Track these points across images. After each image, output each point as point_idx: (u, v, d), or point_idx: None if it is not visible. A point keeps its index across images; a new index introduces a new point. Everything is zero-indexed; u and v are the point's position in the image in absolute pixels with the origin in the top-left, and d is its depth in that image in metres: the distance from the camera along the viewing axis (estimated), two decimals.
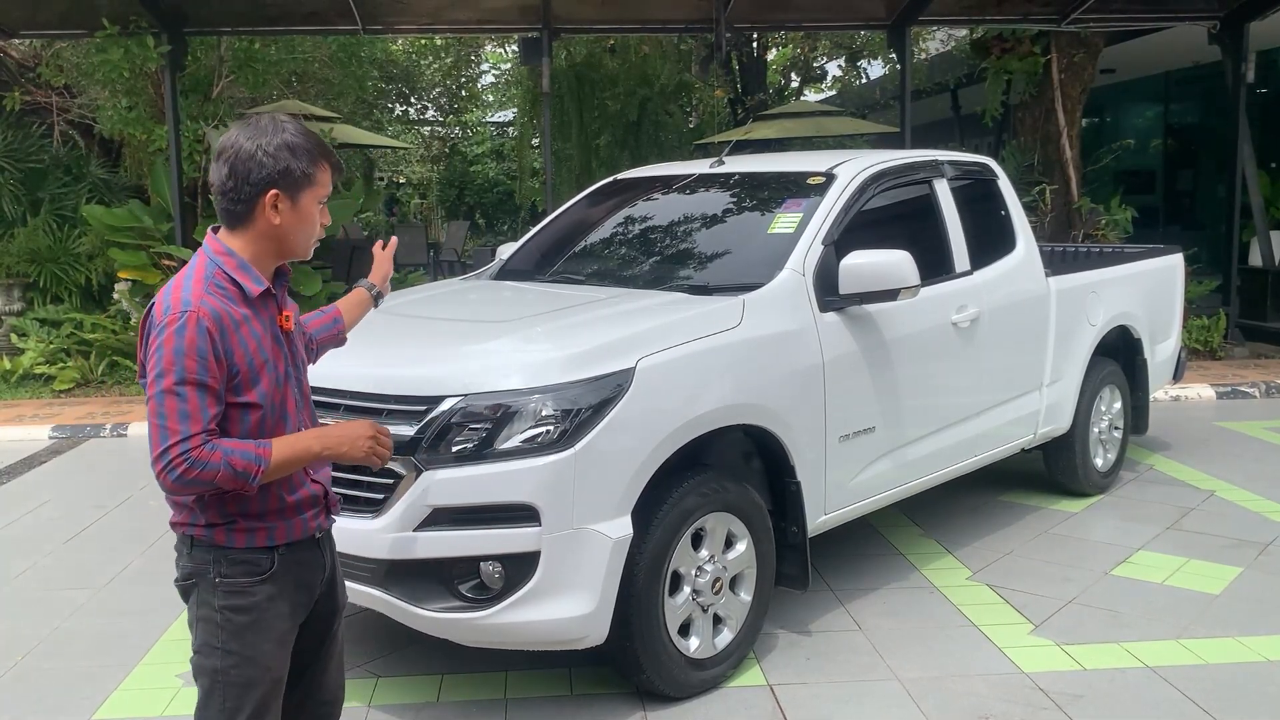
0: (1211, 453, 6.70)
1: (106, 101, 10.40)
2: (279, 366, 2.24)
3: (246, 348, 2.14)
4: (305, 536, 2.29)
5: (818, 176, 4.52)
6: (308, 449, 2.19)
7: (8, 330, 9.98)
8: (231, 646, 2.19)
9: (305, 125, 2.27)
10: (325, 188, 2.25)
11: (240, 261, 2.19)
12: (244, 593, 2.19)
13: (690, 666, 3.56)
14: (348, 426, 2.27)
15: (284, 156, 2.17)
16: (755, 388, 3.73)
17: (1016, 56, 10.84)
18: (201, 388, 2.06)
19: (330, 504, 2.38)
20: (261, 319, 2.21)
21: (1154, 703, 3.52)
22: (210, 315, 2.09)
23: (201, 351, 2.06)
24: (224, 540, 2.19)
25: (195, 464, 2.04)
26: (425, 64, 20.01)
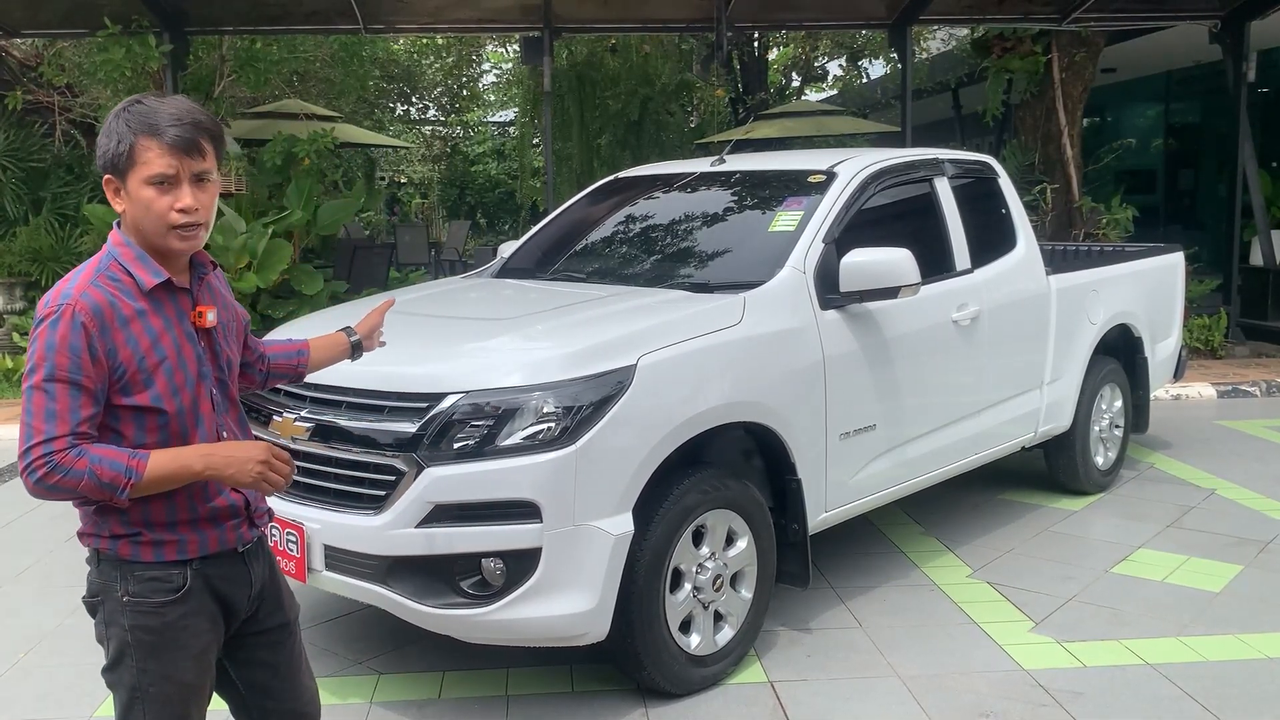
0: (1212, 451, 6.70)
1: (108, 101, 10.40)
2: (189, 367, 2.05)
3: (136, 345, 1.97)
4: (223, 550, 2.12)
5: (818, 175, 4.53)
6: (187, 466, 1.98)
7: (9, 329, 10.00)
8: (147, 665, 2.06)
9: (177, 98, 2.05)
10: (152, 167, 1.96)
11: (138, 253, 2.02)
12: (154, 613, 2.04)
13: (691, 663, 3.57)
14: (238, 447, 2.03)
15: (105, 138, 1.99)
16: (756, 385, 3.74)
17: (1017, 56, 10.85)
18: (73, 386, 1.91)
19: (255, 515, 2.19)
20: (164, 314, 2.03)
21: (1154, 700, 3.53)
22: (89, 309, 1.93)
23: (74, 348, 1.91)
24: (129, 554, 2.03)
25: (57, 468, 1.88)
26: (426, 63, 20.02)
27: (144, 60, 9.44)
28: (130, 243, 2.04)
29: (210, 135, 2.03)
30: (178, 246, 2.03)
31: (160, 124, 1.97)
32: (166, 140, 1.96)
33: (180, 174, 1.98)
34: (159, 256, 2.04)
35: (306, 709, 2.37)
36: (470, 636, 3.39)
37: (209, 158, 2.03)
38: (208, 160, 2.02)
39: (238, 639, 2.23)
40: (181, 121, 1.98)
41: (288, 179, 10.63)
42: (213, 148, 2.04)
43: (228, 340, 2.20)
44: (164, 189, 1.98)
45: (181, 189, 1.99)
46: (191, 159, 1.99)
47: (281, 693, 2.31)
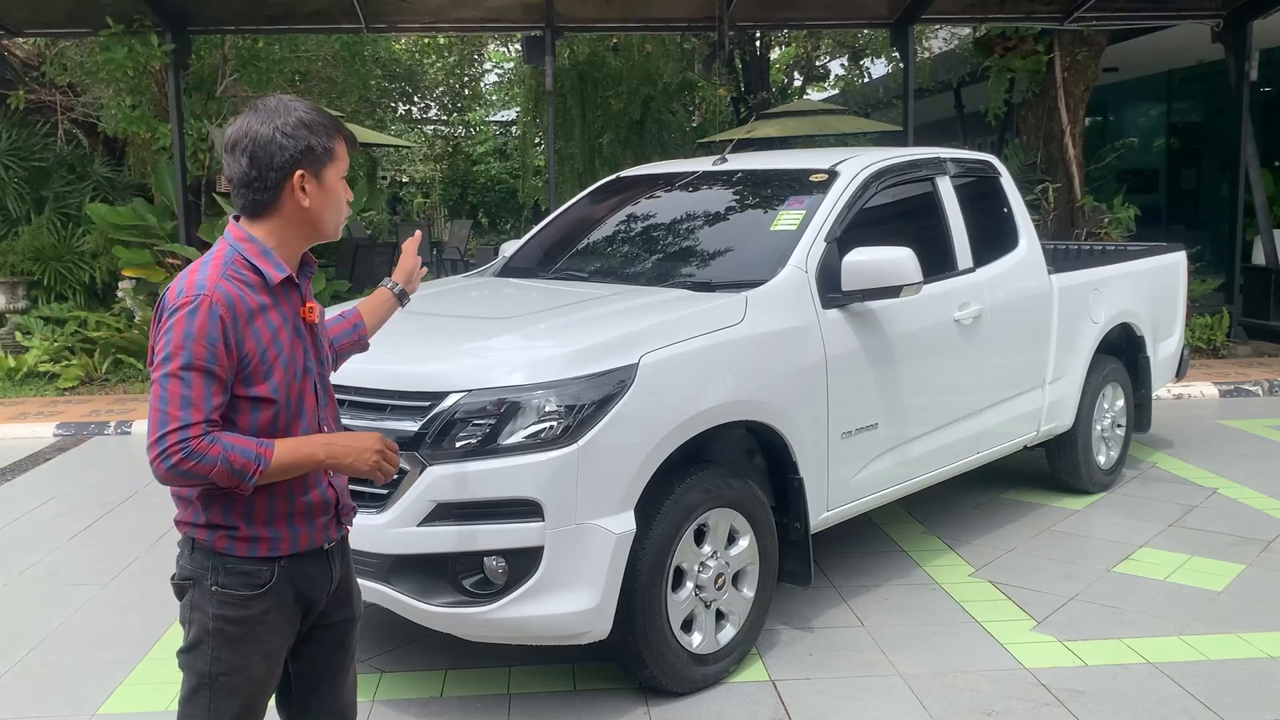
0: (1214, 450, 6.70)
1: (111, 100, 10.42)
2: (298, 360, 2.14)
3: (260, 338, 2.05)
4: (311, 548, 2.19)
5: (820, 174, 4.53)
6: (311, 455, 2.08)
7: (12, 328, 10.01)
8: (222, 655, 2.11)
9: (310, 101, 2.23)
10: (344, 161, 2.19)
11: (262, 248, 2.11)
12: (240, 604, 2.11)
13: (693, 662, 3.57)
14: (356, 437, 2.15)
15: (303, 135, 2.10)
16: (758, 384, 3.74)
17: (1019, 55, 10.84)
18: (208, 375, 1.97)
19: (343, 512, 2.27)
20: (281, 309, 2.12)
21: (1156, 699, 3.53)
22: (224, 300, 2.00)
23: (211, 337, 1.97)
24: (224, 547, 2.10)
25: (192, 455, 1.94)
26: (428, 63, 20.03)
27: (146, 59, 9.45)
28: (254, 238, 2.12)
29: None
30: (336, 234, 2.23)
31: (341, 124, 2.20)
32: (351, 143, 2.23)
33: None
34: (287, 253, 2.16)
35: (347, 706, 2.42)
36: (472, 635, 3.39)
37: None
38: None
39: (304, 632, 2.28)
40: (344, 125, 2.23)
41: None
42: None
43: (325, 337, 2.33)
44: (344, 184, 2.21)
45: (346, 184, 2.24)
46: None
47: (329, 687, 2.36)
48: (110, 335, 9.67)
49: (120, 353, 9.68)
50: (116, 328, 9.79)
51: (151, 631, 4.20)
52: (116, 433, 7.84)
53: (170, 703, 3.63)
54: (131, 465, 6.95)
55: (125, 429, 7.87)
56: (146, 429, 2.00)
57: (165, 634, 4.18)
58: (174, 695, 3.63)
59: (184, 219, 9.64)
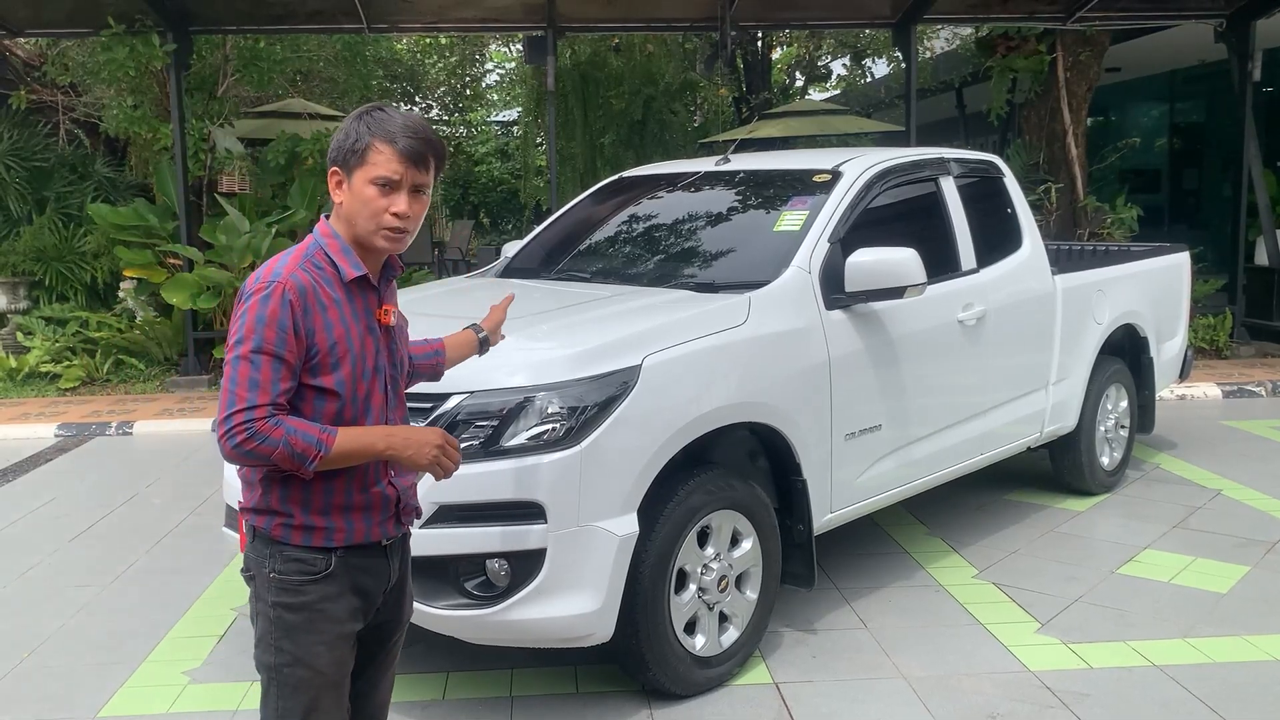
0: (1218, 451, 6.68)
1: (112, 100, 10.41)
2: (368, 359, 2.16)
3: (331, 331, 2.09)
4: (368, 542, 2.20)
5: (823, 174, 4.52)
6: (371, 445, 2.11)
7: (13, 329, 10.00)
8: (284, 645, 2.14)
9: (412, 113, 2.21)
10: (379, 169, 2.10)
11: (343, 245, 2.16)
12: (297, 590, 2.13)
13: (696, 664, 3.56)
14: (418, 432, 2.17)
15: (343, 134, 2.14)
16: (761, 386, 3.72)
17: (1022, 55, 10.83)
18: (277, 359, 2.02)
19: (403, 511, 2.27)
20: (355, 306, 2.15)
21: (1161, 701, 3.51)
22: (296, 289, 2.06)
23: (282, 323, 2.03)
24: (280, 535, 2.14)
25: (255, 435, 1.99)
26: (430, 63, 20.01)
27: (147, 60, 9.44)
28: (338, 235, 2.17)
29: (436, 154, 2.17)
30: (381, 245, 2.16)
31: (395, 132, 2.11)
32: (399, 147, 2.11)
33: (404, 181, 2.13)
34: (360, 252, 2.17)
35: (380, 706, 2.44)
36: (475, 637, 3.38)
37: (430, 172, 2.16)
38: (428, 175, 2.16)
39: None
40: (416, 135, 2.12)
41: (291, 178, 10.64)
42: (435, 165, 2.17)
43: (402, 341, 2.34)
44: (385, 191, 2.11)
45: (401, 195, 2.13)
46: (416, 170, 2.13)
47: (370, 684, 2.37)
48: (111, 336, 9.67)
49: (121, 353, 9.68)
50: (118, 328, 9.78)
51: (152, 634, 4.19)
52: (118, 433, 7.83)
53: (171, 705, 3.62)
54: (133, 466, 6.94)
55: (126, 429, 7.86)
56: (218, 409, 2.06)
57: (166, 636, 4.17)
58: (174, 698, 3.66)
59: (185, 219, 9.63)
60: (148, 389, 9.25)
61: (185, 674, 3.83)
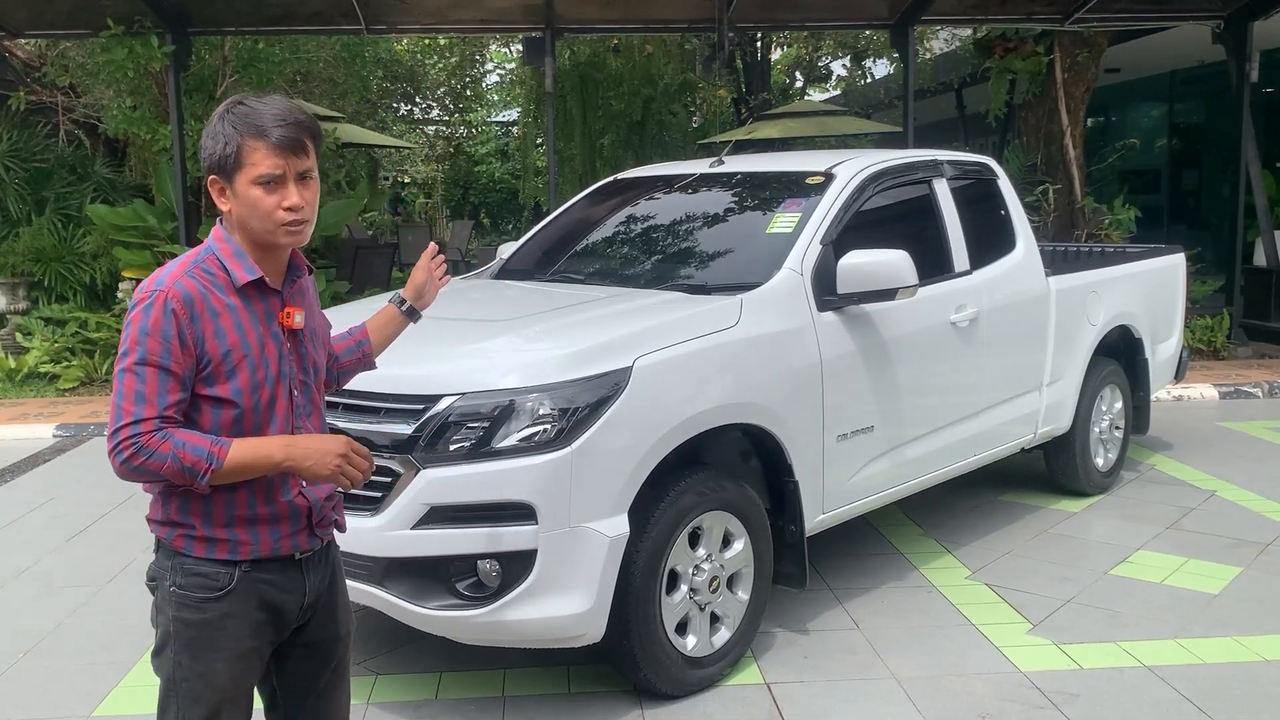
0: (1213, 453, 6.69)
1: (111, 101, 10.43)
2: (270, 366, 2.08)
3: (223, 338, 2.01)
4: (276, 555, 2.10)
5: (817, 176, 4.53)
6: (268, 456, 2.00)
7: (12, 329, 10.02)
8: (183, 659, 2.08)
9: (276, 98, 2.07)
10: (259, 168, 2.00)
11: (235, 249, 2.07)
12: (195, 607, 2.06)
13: (687, 665, 3.57)
14: (319, 440, 2.06)
15: (211, 138, 2.03)
16: (753, 387, 3.74)
17: (1020, 56, 10.83)
18: (162, 371, 1.95)
19: (318, 523, 2.17)
20: (254, 311, 2.07)
21: (1152, 702, 3.52)
22: (180, 297, 1.98)
23: (165, 334, 1.96)
24: (182, 547, 2.06)
25: (142, 450, 1.93)
26: (429, 64, 20.03)
27: (147, 61, 9.46)
28: (230, 239, 2.08)
29: (311, 134, 2.06)
30: (285, 241, 2.06)
31: (265, 125, 2.00)
32: (273, 140, 2.00)
33: (286, 173, 2.02)
34: (258, 255, 2.08)
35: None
36: (466, 638, 3.40)
37: (311, 155, 2.07)
38: (310, 158, 2.06)
39: (289, 645, 2.22)
40: (286, 121, 2.02)
41: None
42: (314, 146, 2.07)
43: (314, 344, 2.23)
44: (271, 188, 2.02)
45: (288, 188, 2.03)
46: (296, 158, 2.03)
47: (319, 703, 2.30)
48: (111, 336, 9.68)
49: None
50: (117, 329, 9.79)
51: (148, 634, 4.15)
52: None
53: None
54: None
55: None
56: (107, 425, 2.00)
57: None
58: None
59: (184, 220, 9.65)
60: None
61: None
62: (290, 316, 2.13)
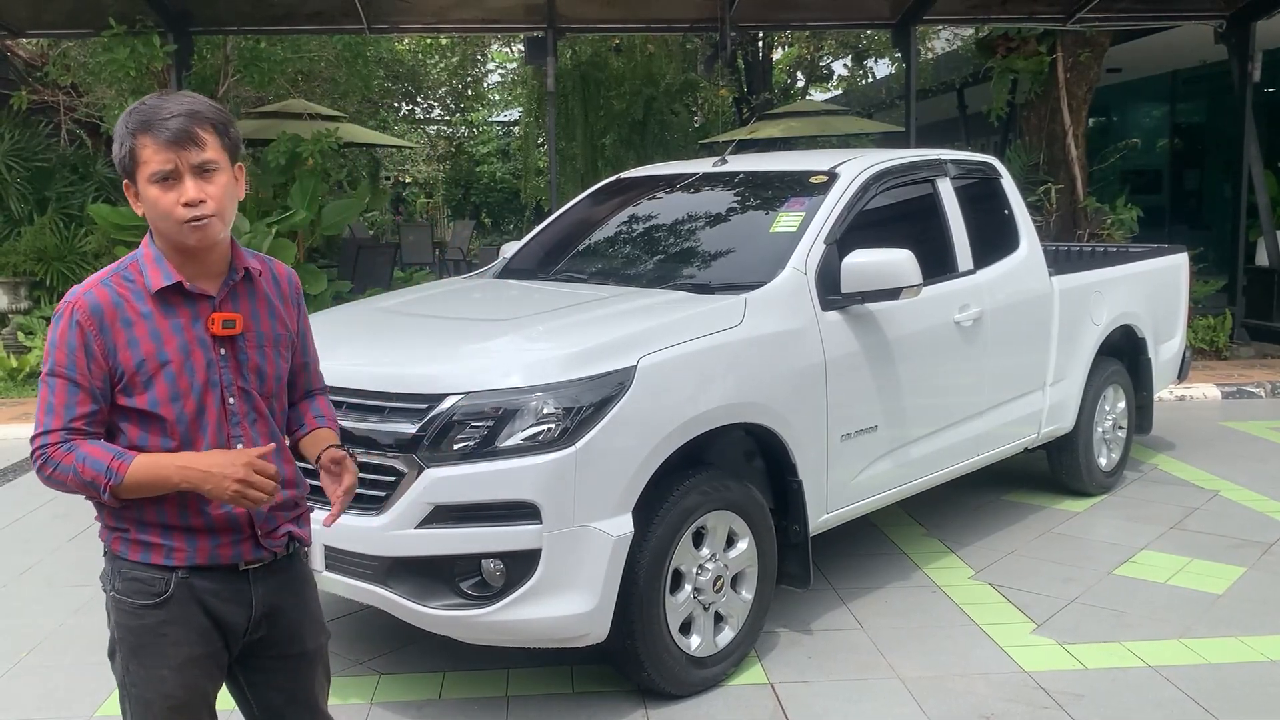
0: (1216, 453, 6.68)
1: (113, 100, 10.43)
2: (196, 374, 1.99)
3: (137, 347, 1.95)
4: (215, 564, 2.03)
5: (820, 175, 4.52)
6: (166, 478, 1.93)
7: (14, 329, 10.02)
8: (130, 665, 2.04)
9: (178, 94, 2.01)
10: (151, 165, 1.93)
11: (155, 255, 2.01)
12: (134, 614, 2.01)
13: (691, 664, 3.56)
14: (217, 462, 1.94)
15: (115, 142, 1.98)
16: (757, 386, 3.73)
17: (1022, 56, 10.82)
18: (70, 382, 1.93)
19: (262, 535, 2.07)
20: (174, 317, 1.99)
21: (1156, 702, 3.51)
22: (87, 308, 1.94)
23: (71, 345, 1.93)
24: (120, 550, 2.03)
25: (49, 461, 1.92)
26: (431, 63, 20.04)
27: (148, 60, 9.46)
28: (153, 245, 2.03)
29: (210, 124, 1.97)
30: (192, 240, 1.97)
31: (153, 120, 1.93)
32: (161, 137, 1.93)
33: (179, 168, 1.94)
34: (181, 259, 2.00)
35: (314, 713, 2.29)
36: (470, 637, 3.39)
37: (209, 147, 1.96)
38: (207, 150, 1.96)
39: (254, 659, 2.16)
40: (175, 114, 1.94)
41: (292, 179, 10.64)
42: (214, 137, 1.97)
43: (262, 349, 2.09)
44: (167, 185, 1.94)
45: (183, 183, 1.94)
46: (187, 151, 1.94)
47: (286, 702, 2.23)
48: None
49: None
50: None
51: None
52: None
53: None
54: None
55: None
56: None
57: None
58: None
59: None
60: None
61: None
62: (215, 323, 2.02)
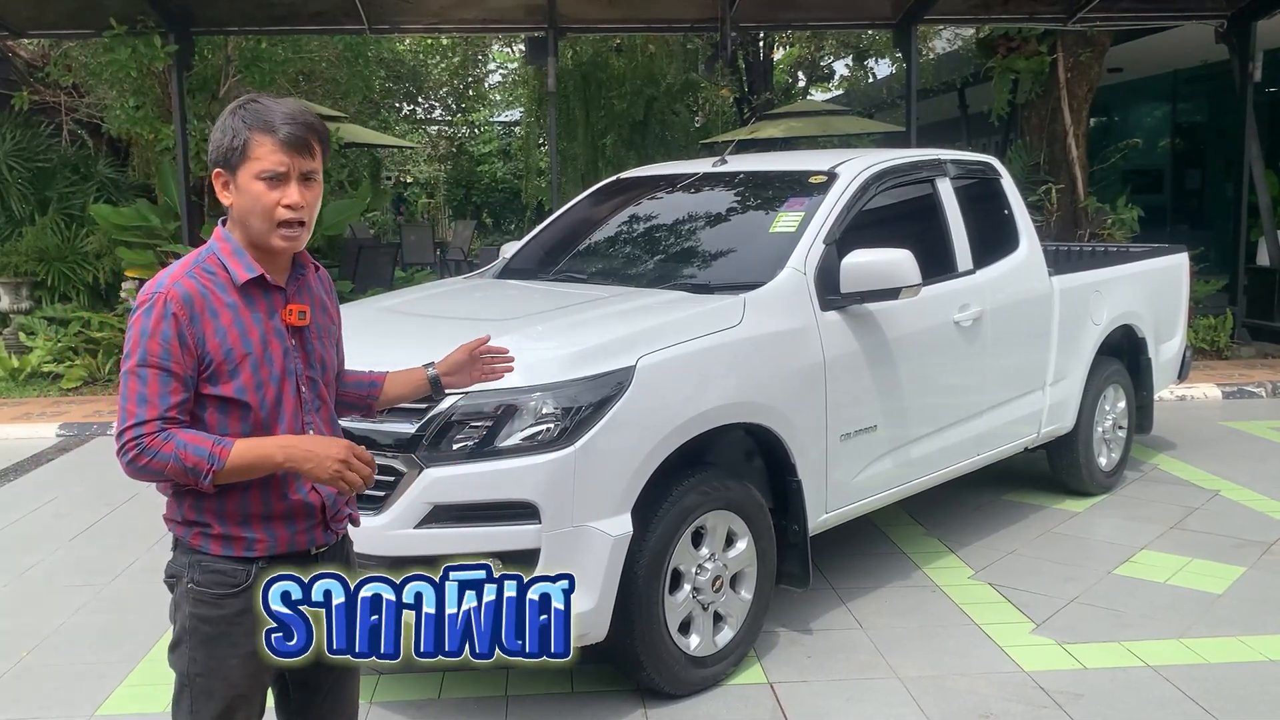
0: (1217, 452, 6.68)
1: (114, 101, 10.43)
2: (275, 362, 2.09)
3: (224, 337, 2.02)
4: (293, 551, 2.12)
5: (820, 175, 4.53)
6: (269, 457, 2.00)
7: (16, 329, 10.03)
8: (198, 655, 2.10)
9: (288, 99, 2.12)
10: (263, 162, 2.02)
11: (235, 248, 2.09)
12: (213, 604, 2.08)
13: (691, 664, 3.57)
14: (319, 443, 2.04)
15: (220, 132, 2.06)
16: (756, 386, 3.73)
17: (1023, 55, 10.82)
18: (164, 372, 1.98)
19: (333, 517, 2.19)
20: (255, 309, 2.08)
21: (1155, 702, 3.52)
22: (179, 298, 2.00)
23: (165, 335, 1.98)
24: (199, 545, 2.09)
25: (145, 451, 1.95)
26: (432, 63, 20.04)
27: (149, 60, 9.46)
28: (230, 238, 2.11)
29: (319, 137, 2.09)
30: (279, 244, 2.07)
31: (274, 121, 2.03)
32: (280, 137, 2.03)
33: (290, 171, 2.04)
34: (257, 253, 2.09)
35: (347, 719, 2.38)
36: None
37: (317, 158, 2.09)
38: (315, 160, 2.08)
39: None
40: (295, 120, 2.05)
41: None
42: (320, 149, 2.10)
43: (322, 341, 2.22)
44: (273, 184, 2.04)
45: (290, 186, 2.04)
46: (301, 157, 2.05)
47: (326, 698, 2.31)
48: (113, 336, 9.67)
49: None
50: (120, 328, 9.79)
51: (151, 633, 4.20)
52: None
53: (167, 704, 3.62)
54: None
55: None
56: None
57: (164, 635, 4.18)
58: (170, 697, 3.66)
59: (187, 220, 9.65)
60: None
61: None
62: (293, 313, 2.13)
